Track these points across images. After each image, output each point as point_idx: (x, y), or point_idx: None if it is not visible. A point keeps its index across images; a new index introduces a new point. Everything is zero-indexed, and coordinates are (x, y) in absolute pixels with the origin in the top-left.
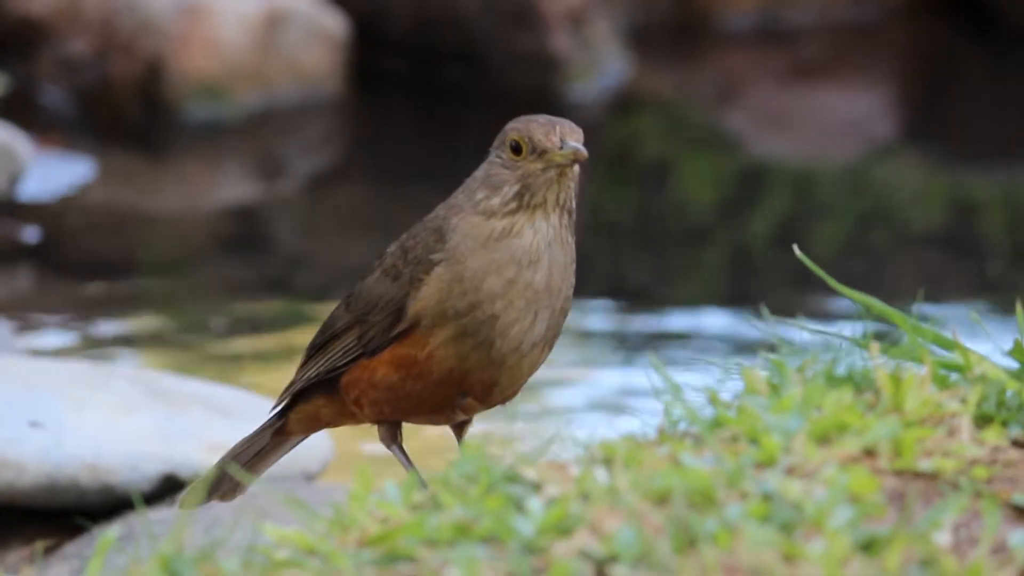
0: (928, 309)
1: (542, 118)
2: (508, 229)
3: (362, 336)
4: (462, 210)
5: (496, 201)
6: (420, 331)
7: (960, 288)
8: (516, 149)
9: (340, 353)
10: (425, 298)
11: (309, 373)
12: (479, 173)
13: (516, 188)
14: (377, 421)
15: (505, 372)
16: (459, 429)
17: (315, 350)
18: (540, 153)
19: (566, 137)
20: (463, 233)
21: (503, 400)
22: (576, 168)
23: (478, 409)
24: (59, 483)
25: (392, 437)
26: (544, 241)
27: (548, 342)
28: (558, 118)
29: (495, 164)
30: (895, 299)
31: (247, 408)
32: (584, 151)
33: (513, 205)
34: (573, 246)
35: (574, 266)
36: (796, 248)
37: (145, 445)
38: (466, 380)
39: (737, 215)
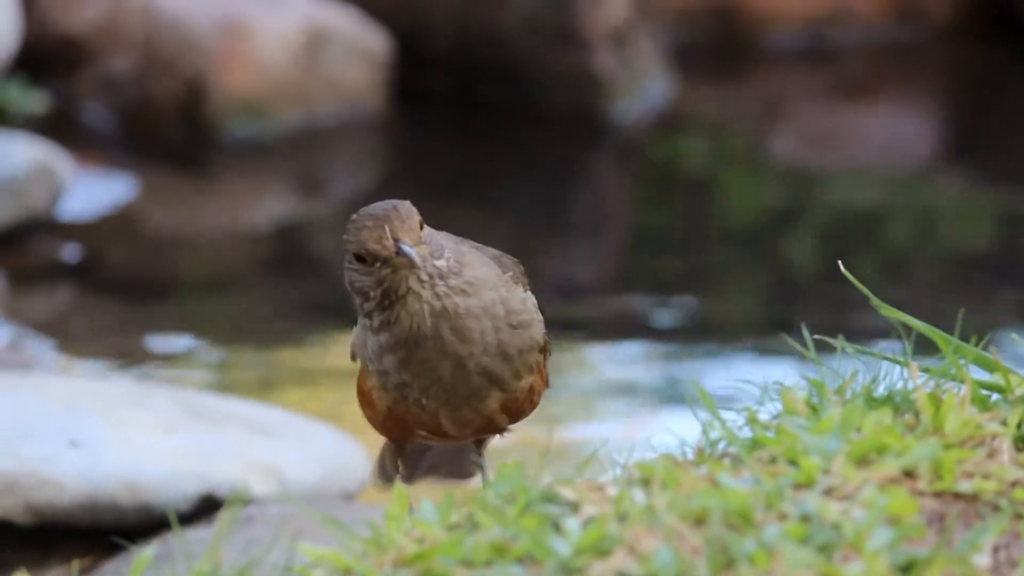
0: (971, 329)
1: (370, 219)
2: (386, 321)
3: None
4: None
5: (370, 305)
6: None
7: (1004, 308)
8: (361, 260)
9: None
10: (352, 344)
11: None
12: (346, 279)
13: (379, 292)
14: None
15: (444, 420)
16: (478, 443)
17: None
18: (383, 261)
19: (399, 238)
20: (359, 338)
21: (473, 434)
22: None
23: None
24: (98, 502)
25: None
26: (427, 317)
27: (497, 382)
28: (387, 209)
29: (352, 272)
30: (938, 318)
31: (286, 427)
32: (415, 257)
33: (385, 303)
34: (484, 270)
35: (506, 285)
36: (841, 264)
37: (184, 464)
38: (407, 420)
39: (780, 234)
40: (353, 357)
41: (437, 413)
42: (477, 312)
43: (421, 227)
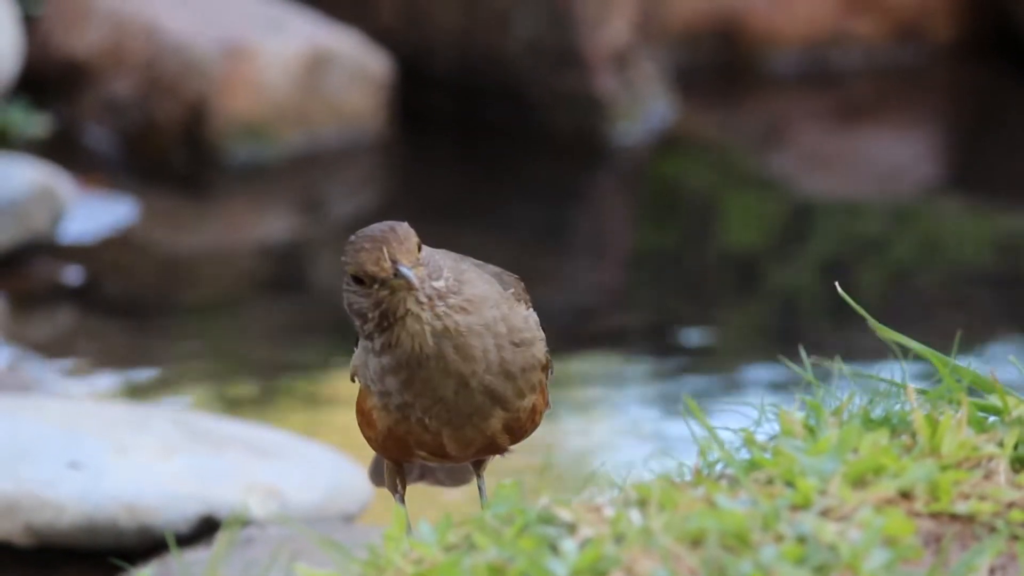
0: (970, 351)
1: (367, 241)
2: (387, 343)
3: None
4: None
5: (369, 326)
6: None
7: (1003, 331)
8: (359, 281)
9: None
10: (353, 365)
11: None
12: (344, 301)
13: (377, 313)
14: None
15: (447, 440)
16: (478, 464)
17: None
18: (381, 283)
19: (397, 259)
20: (360, 359)
21: (474, 454)
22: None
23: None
24: (98, 524)
25: (374, 477)
26: (428, 337)
27: (500, 401)
28: (385, 231)
29: (350, 294)
30: (937, 340)
31: (286, 449)
32: (413, 278)
33: (384, 325)
34: (485, 288)
35: (507, 302)
36: (838, 285)
37: (184, 486)
38: (408, 441)
39: (781, 256)
40: (353, 378)
41: (439, 433)
42: (479, 330)
43: (419, 248)
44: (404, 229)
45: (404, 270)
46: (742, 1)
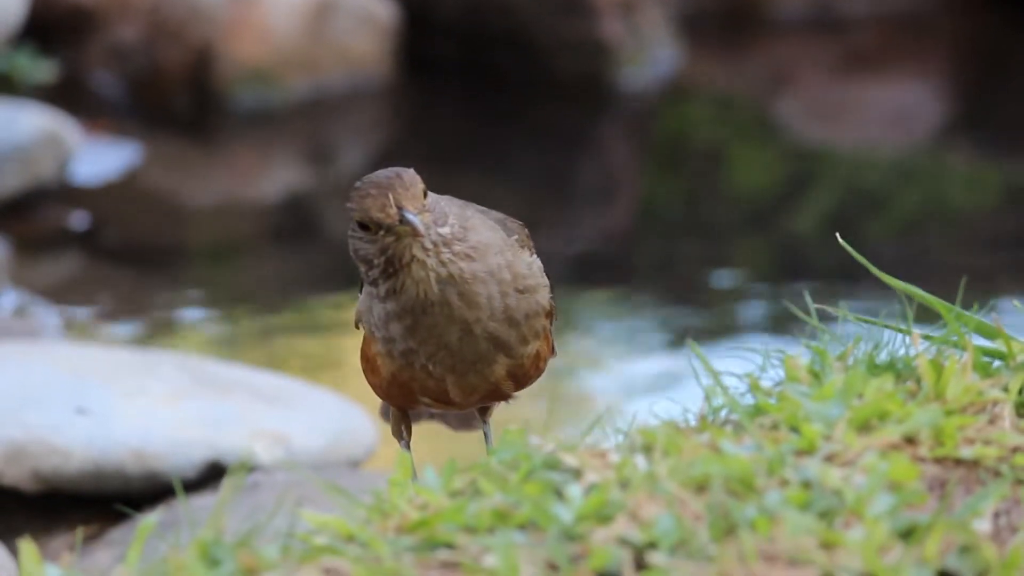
0: (974, 298)
1: (373, 187)
2: (392, 290)
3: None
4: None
5: (374, 272)
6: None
7: (1008, 277)
8: (365, 228)
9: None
10: (357, 311)
11: None
12: (350, 247)
13: (382, 260)
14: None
15: (450, 387)
16: (483, 411)
17: None
18: (387, 229)
19: (402, 206)
20: (364, 305)
21: (478, 401)
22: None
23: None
24: (105, 469)
25: (385, 413)
26: (433, 284)
27: (504, 347)
28: (390, 177)
29: (355, 240)
30: (943, 287)
31: (293, 395)
32: (419, 225)
33: (389, 271)
34: (489, 235)
35: (512, 249)
36: (839, 236)
37: (191, 432)
38: (412, 387)
39: (786, 204)
40: (357, 324)
41: (443, 380)
42: (483, 277)
43: (424, 195)
44: (410, 175)
45: (410, 216)
46: None
